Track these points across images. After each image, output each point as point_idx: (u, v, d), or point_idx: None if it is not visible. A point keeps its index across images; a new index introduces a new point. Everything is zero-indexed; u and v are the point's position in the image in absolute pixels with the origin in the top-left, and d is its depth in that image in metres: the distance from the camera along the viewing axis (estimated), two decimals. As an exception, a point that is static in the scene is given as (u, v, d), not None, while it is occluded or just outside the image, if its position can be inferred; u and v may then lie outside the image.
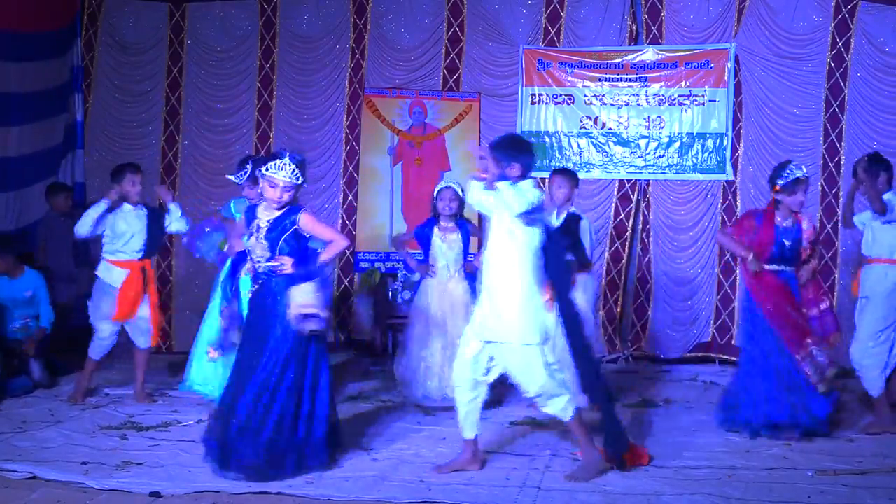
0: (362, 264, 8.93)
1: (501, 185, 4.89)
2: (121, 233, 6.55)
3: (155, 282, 6.91)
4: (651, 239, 8.64)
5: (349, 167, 9.06)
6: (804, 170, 5.90)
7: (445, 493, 4.69)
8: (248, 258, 5.17)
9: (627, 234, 8.66)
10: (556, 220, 6.46)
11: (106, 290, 6.60)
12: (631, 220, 8.67)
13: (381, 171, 8.97)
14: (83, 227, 6.50)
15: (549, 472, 5.07)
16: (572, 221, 6.46)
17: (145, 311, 6.65)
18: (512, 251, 4.90)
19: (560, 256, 5.10)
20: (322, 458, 4.99)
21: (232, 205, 6.44)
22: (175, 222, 6.74)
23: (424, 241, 6.74)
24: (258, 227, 5.00)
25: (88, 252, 9.03)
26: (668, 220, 8.61)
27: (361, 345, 8.88)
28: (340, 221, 9.03)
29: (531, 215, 4.89)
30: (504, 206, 4.83)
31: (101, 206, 6.52)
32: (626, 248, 8.66)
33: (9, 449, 5.35)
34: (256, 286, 5.06)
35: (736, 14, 8.37)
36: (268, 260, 4.99)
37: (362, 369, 8.16)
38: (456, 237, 6.70)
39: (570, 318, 5.01)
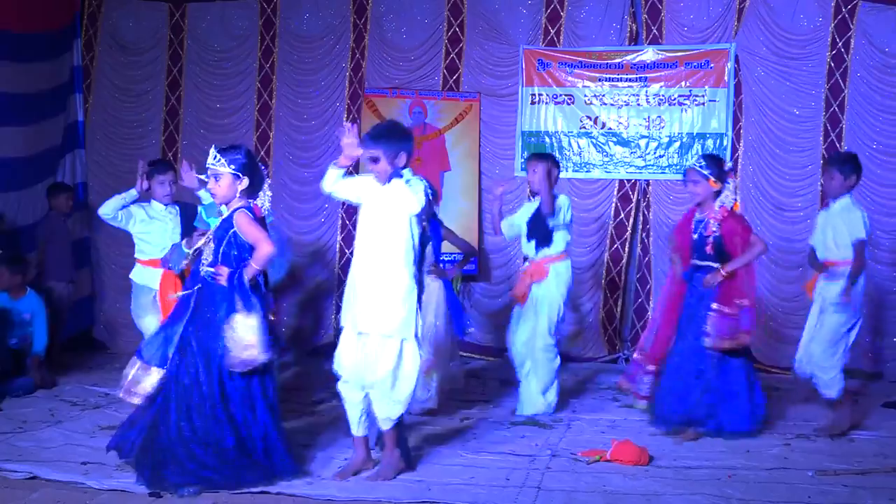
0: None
1: (396, 183, 4.86)
2: (153, 232, 6.31)
3: None
4: (651, 239, 8.64)
5: (349, 167, 9.03)
6: (692, 162, 6.02)
7: (445, 492, 4.69)
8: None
9: (627, 234, 8.66)
10: (531, 205, 6.47)
11: (142, 293, 6.32)
12: (631, 220, 8.67)
13: (381, 171, 8.94)
14: (106, 207, 6.26)
15: (549, 472, 5.08)
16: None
17: None
18: (389, 242, 4.83)
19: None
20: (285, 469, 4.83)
21: (202, 211, 6.03)
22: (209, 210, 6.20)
23: None
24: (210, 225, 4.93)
25: (88, 254, 9.06)
26: (668, 220, 8.60)
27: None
28: (340, 221, 9.03)
29: (421, 215, 4.89)
30: (401, 204, 4.82)
31: (131, 194, 6.24)
32: (626, 248, 8.66)
33: (9, 449, 5.35)
34: (192, 291, 4.87)
35: (736, 14, 8.36)
36: (210, 264, 4.81)
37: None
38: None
39: None
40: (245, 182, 4.85)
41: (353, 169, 6.58)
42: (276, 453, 4.81)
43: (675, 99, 8.54)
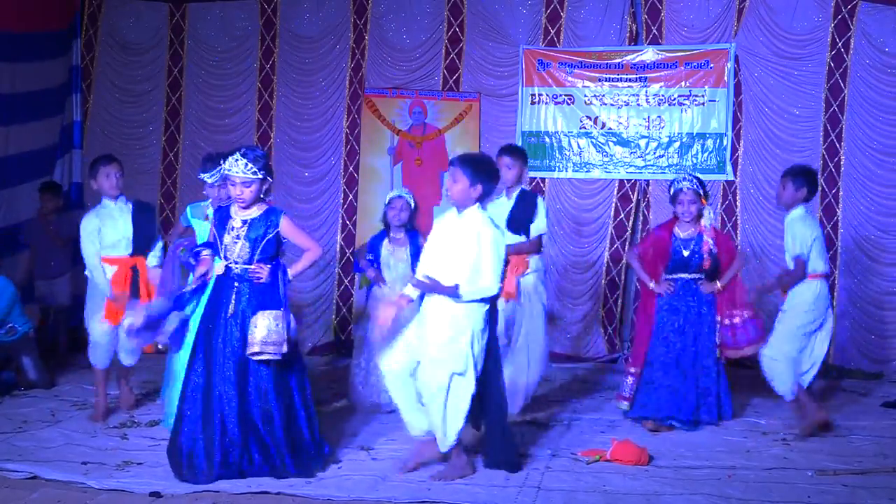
0: (362, 264, 8.90)
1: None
2: (102, 231, 6.03)
3: (150, 283, 6.12)
4: (651, 239, 8.63)
5: (349, 167, 9.06)
6: (687, 184, 6.10)
7: (445, 493, 4.69)
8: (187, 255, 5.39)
9: (627, 234, 8.65)
10: (507, 202, 6.35)
11: (96, 289, 6.11)
12: (631, 220, 8.66)
13: (381, 171, 8.97)
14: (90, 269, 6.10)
15: (549, 472, 5.08)
16: (526, 198, 6.35)
17: None
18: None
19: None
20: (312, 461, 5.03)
21: (189, 210, 6.05)
22: None
23: (376, 253, 6.52)
24: (232, 226, 4.99)
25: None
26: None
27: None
28: (340, 221, 9.03)
29: None
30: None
31: (101, 289, 6.04)
32: (626, 248, 8.65)
33: (9, 449, 5.35)
34: (214, 285, 5.04)
35: (736, 14, 8.36)
36: (246, 262, 4.97)
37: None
38: (404, 253, 6.40)
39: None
40: (268, 183, 5.04)
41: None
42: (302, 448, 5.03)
43: (674, 99, 8.54)
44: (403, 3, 8.93)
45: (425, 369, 4.93)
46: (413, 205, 6.47)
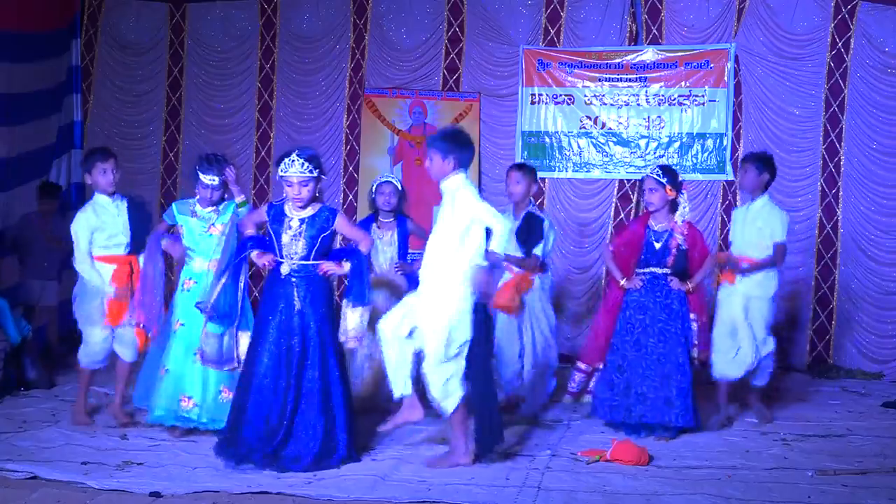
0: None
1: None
2: (101, 228, 5.85)
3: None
4: (651, 239, 8.63)
5: (349, 167, 9.07)
6: (650, 171, 6.01)
7: (445, 492, 4.69)
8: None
9: (627, 234, 8.65)
10: (514, 221, 6.32)
11: (91, 290, 5.89)
12: (631, 220, 8.65)
13: (381, 171, 8.95)
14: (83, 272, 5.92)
15: (549, 472, 5.08)
16: (532, 222, 6.37)
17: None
18: (461, 254, 5.08)
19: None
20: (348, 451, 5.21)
21: (175, 207, 5.87)
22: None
23: None
24: (290, 225, 5.18)
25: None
26: (668, 220, 8.60)
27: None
28: (340, 221, 9.03)
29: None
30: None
31: (105, 290, 5.88)
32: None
33: (9, 449, 5.35)
34: (270, 280, 5.27)
35: (736, 14, 8.37)
36: (303, 258, 5.18)
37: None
38: (391, 236, 6.53)
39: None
40: (322, 181, 5.25)
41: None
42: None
43: (674, 99, 8.55)
44: (403, 3, 8.94)
45: (424, 338, 5.10)
46: (401, 188, 6.59)
